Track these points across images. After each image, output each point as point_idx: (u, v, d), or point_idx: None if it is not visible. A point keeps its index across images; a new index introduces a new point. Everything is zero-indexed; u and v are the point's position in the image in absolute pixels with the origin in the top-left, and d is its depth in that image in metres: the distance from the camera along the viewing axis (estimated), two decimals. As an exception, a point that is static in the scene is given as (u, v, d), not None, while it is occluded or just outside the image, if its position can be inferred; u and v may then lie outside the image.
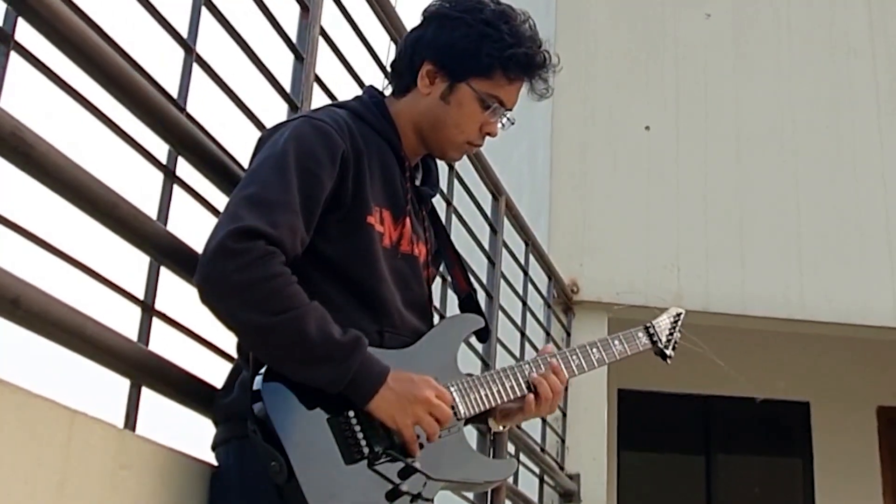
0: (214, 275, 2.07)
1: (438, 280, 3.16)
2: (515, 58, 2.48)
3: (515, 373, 2.53)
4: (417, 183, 2.60)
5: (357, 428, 2.14)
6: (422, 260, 2.53)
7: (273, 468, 2.04)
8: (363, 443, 2.14)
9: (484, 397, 2.43)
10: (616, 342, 2.78)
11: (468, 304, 2.67)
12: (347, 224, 2.32)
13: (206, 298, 2.11)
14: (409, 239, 2.47)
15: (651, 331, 2.91)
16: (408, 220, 2.47)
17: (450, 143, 2.55)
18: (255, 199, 2.15)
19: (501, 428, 2.65)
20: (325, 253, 2.29)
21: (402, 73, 2.57)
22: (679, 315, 3.02)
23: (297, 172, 2.21)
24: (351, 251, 2.32)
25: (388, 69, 2.67)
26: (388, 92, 2.62)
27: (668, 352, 2.93)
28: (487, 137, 2.59)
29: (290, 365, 2.12)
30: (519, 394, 2.52)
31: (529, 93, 2.59)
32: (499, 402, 2.47)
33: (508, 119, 2.58)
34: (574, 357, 2.66)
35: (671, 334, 2.96)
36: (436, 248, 2.63)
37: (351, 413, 2.14)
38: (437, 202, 2.74)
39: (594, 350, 2.71)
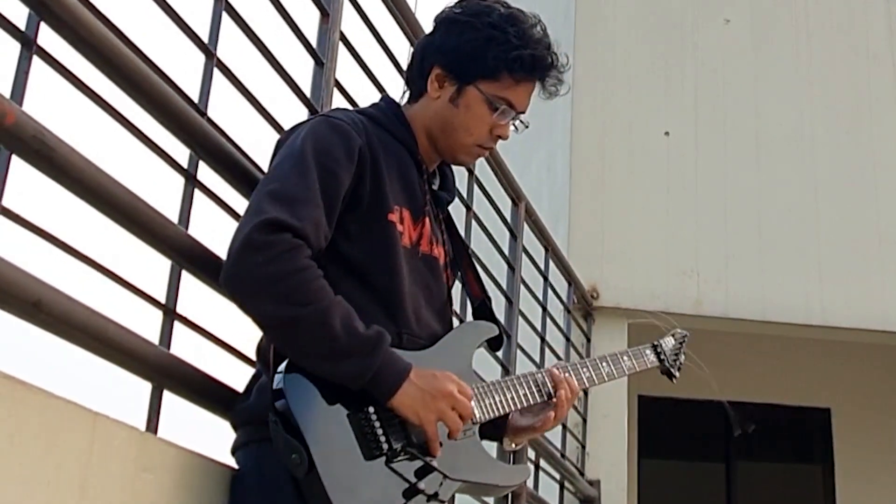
0: (242, 267, 2.09)
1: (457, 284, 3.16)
2: (520, 59, 2.47)
3: (528, 381, 2.54)
4: (435, 187, 2.61)
5: (377, 424, 2.14)
6: (441, 262, 2.54)
7: (294, 460, 2.04)
8: (382, 439, 2.14)
9: (499, 402, 2.44)
10: (625, 357, 2.85)
11: (482, 311, 2.68)
12: (367, 221, 2.33)
13: (233, 291, 2.12)
14: (429, 239, 2.48)
15: (658, 349, 2.99)
16: (427, 220, 2.48)
17: (460, 145, 2.55)
18: (278, 193, 2.17)
19: (515, 446, 2.66)
20: (346, 252, 2.30)
21: (415, 80, 2.59)
22: (685, 337, 3.10)
23: (316, 169, 2.23)
24: (371, 249, 2.33)
25: (404, 77, 2.68)
26: (404, 101, 2.64)
27: (674, 371, 3.02)
28: (500, 140, 2.60)
29: (314, 359, 2.12)
30: (531, 402, 2.53)
31: (541, 92, 2.57)
32: (513, 408, 2.48)
33: (522, 122, 2.57)
34: (584, 370, 2.71)
35: (676, 356, 3.04)
36: (452, 254, 2.63)
37: (371, 409, 2.15)
38: (456, 208, 2.74)
39: (604, 364, 2.78)
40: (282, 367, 2.12)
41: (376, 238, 2.34)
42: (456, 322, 2.75)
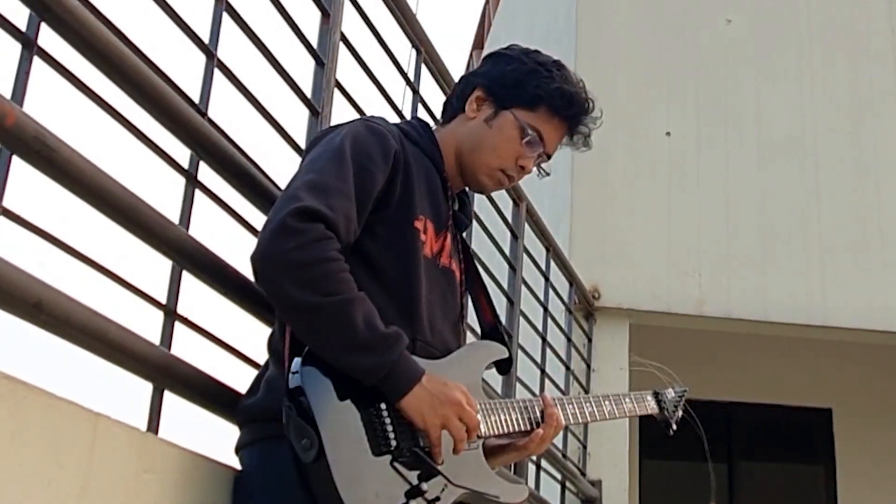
0: (273, 251, 2.10)
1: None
2: (560, 92, 2.56)
3: (531, 406, 2.56)
4: (456, 209, 2.65)
5: (387, 421, 2.15)
6: (458, 277, 2.58)
7: (304, 445, 2.04)
8: (391, 436, 2.15)
9: (504, 422, 2.47)
10: (627, 400, 2.95)
11: (493, 336, 2.69)
12: (394, 224, 2.36)
13: (261, 273, 2.13)
14: (449, 253, 2.52)
15: (659, 398, 3.09)
16: (448, 235, 2.52)
17: (484, 165, 2.59)
18: (314, 183, 2.20)
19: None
20: (370, 252, 2.32)
21: (453, 103, 2.67)
22: (684, 392, 3.18)
23: (354, 166, 2.27)
24: (394, 252, 2.36)
25: (442, 106, 2.76)
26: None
27: (671, 423, 3.11)
28: (523, 173, 2.65)
29: (332, 349, 2.13)
30: (529, 427, 2.55)
31: (567, 141, 2.66)
32: (515, 429, 2.50)
33: (544, 170, 2.67)
34: (587, 405, 2.78)
35: (675, 408, 3.13)
36: (465, 277, 2.66)
37: (383, 406, 2.15)
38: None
39: (606, 402, 2.85)
40: (295, 366, 2.12)
41: (400, 242, 2.37)
42: (470, 338, 2.78)
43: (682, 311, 7.30)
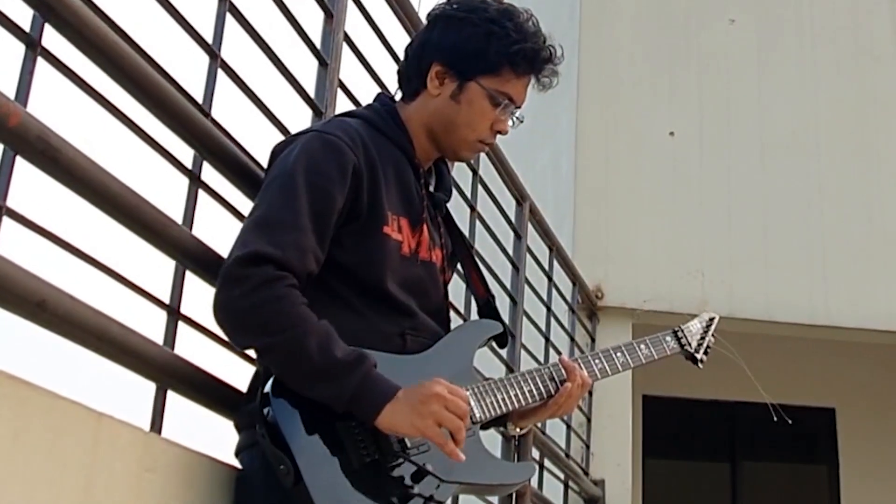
0: (222, 301, 2.13)
1: (462, 284, 3.16)
2: (522, 52, 2.47)
3: (534, 377, 2.52)
4: (431, 189, 2.60)
5: (366, 432, 2.15)
6: (439, 265, 2.53)
7: (281, 471, 2.06)
8: (372, 447, 2.14)
9: (501, 401, 2.42)
10: (642, 346, 2.76)
11: (487, 309, 2.67)
12: (362, 234, 2.33)
13: (219, 324, 2.17)
14: (427, 245, 2.48)
15: (680, 335, 2.88)
16: (425, 226, 2.48)
17: (463, 142, 2.54)
18: (262, 221, 2.20)
19: (519, 430, 2.64)
20: (340, 260, 2.30)
21: (411, 78, 2.57)
22: (712, 320, 2.98)
23: (307, 190, 2.23)
24: (364, 258, 2.33)
25: (396, 75, 2.66)
26: (398, 97, 2.63)
27: (699, 356, 2.90)
28: (499, 135, 2.60)
29: (295, 382, 2.14)
30: (538, 398, 2.51)
31: (535, 85, 2.57)
32: (516, 405, 2.46)
33: (518, 118, 2.57)
34: (596, 361, 2.66)
35: (703, 339, 2.93)
36: (451, 250, 2.63)
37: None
38: (460, 208, 2.74)
39: (618, 354, 2.70)
40: (267, 388, 2.15)
41: (368, 248, 2.33)
42: (459, 321, 2.75)
43: (684, 311, 7.28)
